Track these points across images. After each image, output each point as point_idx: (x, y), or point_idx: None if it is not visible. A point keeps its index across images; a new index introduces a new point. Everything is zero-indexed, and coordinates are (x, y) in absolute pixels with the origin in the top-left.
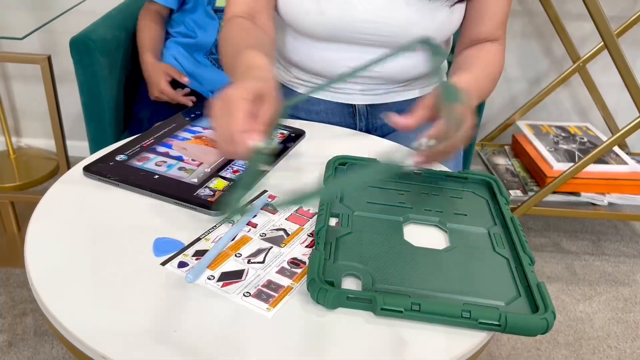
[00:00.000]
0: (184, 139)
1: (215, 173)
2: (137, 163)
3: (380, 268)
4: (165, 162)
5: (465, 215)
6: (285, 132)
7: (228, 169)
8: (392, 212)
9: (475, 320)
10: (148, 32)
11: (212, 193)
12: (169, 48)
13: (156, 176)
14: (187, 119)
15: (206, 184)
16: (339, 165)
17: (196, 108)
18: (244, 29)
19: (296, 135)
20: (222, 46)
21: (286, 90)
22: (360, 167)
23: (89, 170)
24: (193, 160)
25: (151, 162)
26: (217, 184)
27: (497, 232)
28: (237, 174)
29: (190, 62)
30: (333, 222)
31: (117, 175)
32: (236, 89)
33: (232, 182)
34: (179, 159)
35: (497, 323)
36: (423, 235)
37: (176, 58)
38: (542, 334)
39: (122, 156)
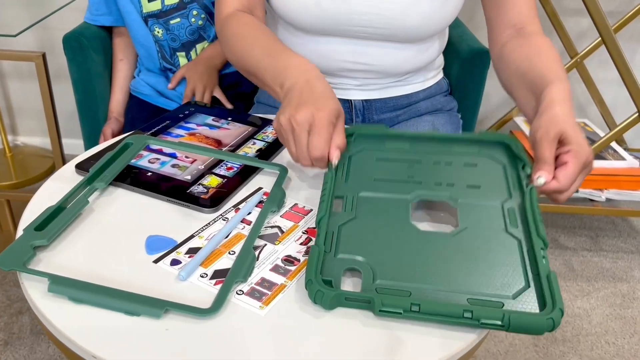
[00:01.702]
0: (178, 136)
1: (209, 170)
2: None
3: (383, 261)
4: (158, 159)
5: (479, 187)
6: None
7: (222, 166)
8: (400, 190)
9: (477, 321)
10: (114, 66)
11: (205, 190)
12: (138, 77)
13: (149, 173)
14: (181, 115)
15: (199, 181)
16: (346, 136)
17: (189, 106)
18: (259, 26)
19: None
20: (244, 43)
21: None
22: (366, 138)
23: (81, 167)
24: (186, 157)
25: (144, 159)
26: (211, 181)
27: (511, 207)
28: (230, 170)
29: (161, 81)
30: (337, 204)
31: None
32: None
33: (225, 179)
34: (172, 155)
35: (501, 323)
36: (431, 215)
37: (148, 83)
38: (549, 332)
39: None
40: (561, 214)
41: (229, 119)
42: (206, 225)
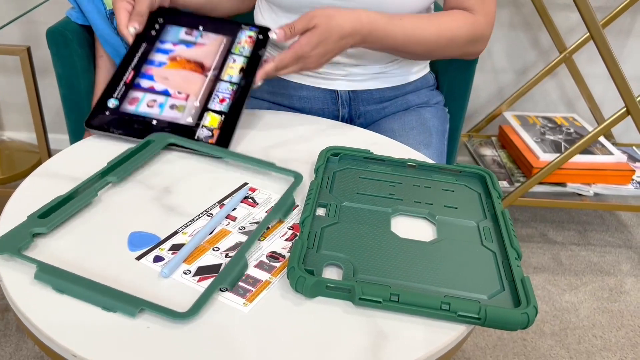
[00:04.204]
0: (161, 63)
1: (205, 107)
2: (129, 107)
3: (364, 258)
4: (155, 100)
5: (456, 208)
6: (252, 33)
7: (214, 99)
8: (382, 203)
9: (454, 313)
10: (96, 62)
11: (210, 133)
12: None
13: (154, 122)
14: (153, 33)
15: (202, 123)
16: (331, 155)
17: (157, 16)
18: None
19: (264, 36)
20: None
21: None
22: (351, 159)
23: (90, 125)
24: (179, 93)
25: (142, 104)
26: (211, 120)
27: (486, 226)
28: (223, 102)
29: None
30: (321, 212)
31: (119, 128)
32: None
33: (224, 115)
34: (165, 93)
35: (477, 316)
36: (411, 228)
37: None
38: (523, 328)
39: (113, 101)
40: (549, 209)
41: (200, 28)
42: (190, 221)
